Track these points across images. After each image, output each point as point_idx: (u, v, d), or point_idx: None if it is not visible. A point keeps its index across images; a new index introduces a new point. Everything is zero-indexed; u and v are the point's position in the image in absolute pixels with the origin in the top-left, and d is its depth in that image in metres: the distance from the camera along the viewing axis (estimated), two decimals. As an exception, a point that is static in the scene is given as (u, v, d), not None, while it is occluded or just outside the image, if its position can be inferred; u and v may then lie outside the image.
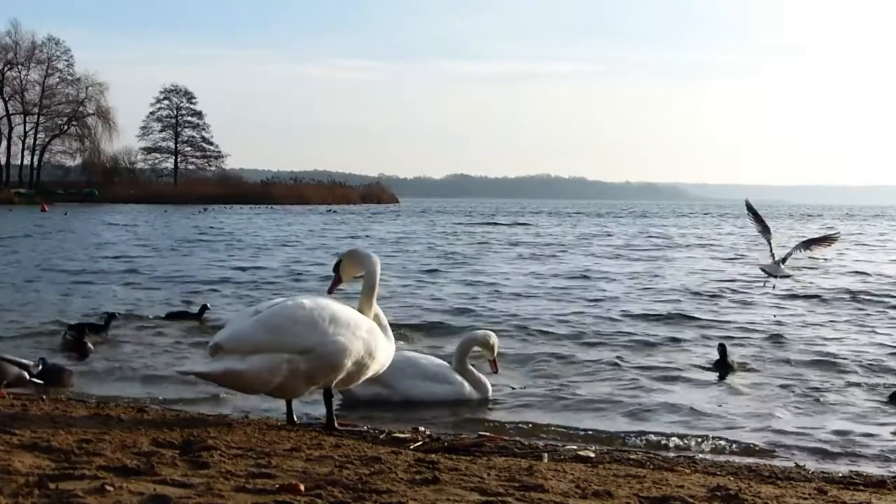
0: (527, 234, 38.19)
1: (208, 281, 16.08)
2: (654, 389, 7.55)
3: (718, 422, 6.53)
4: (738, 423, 6.51)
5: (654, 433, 6.14)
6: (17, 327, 10.17)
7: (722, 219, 67.06)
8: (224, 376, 5.23)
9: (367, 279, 5.65)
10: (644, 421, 6.52)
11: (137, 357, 8.63)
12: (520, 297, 14.06)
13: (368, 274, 5.65)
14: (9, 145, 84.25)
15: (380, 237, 33.61)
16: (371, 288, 5.60)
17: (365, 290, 5.62)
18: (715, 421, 6.55)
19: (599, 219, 63.44)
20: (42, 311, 11.63)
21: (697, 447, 5.86)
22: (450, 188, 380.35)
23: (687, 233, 41.45)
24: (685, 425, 6.42)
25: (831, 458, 5.69)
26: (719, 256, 24.67)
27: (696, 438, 6.02)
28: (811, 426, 6.44)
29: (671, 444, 5.89)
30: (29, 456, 4.12)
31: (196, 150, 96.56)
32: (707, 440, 5.99)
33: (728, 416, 6.67)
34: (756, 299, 13.95)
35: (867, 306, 13.30)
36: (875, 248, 29.62)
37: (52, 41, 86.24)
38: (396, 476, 4.01)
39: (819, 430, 6.34)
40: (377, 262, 5.68)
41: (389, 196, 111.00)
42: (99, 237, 30.56)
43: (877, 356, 9.12)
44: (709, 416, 6.69)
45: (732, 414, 6.76)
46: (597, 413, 6.75)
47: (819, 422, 6.57)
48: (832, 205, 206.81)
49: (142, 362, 8.35)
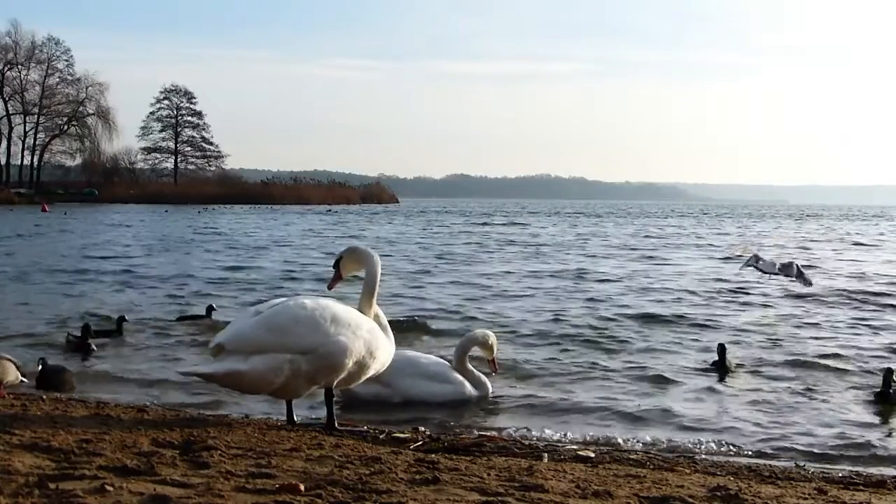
0: (522, 234, 38.20)
1: (207, 281, 16.10)
2: (653, 390, 7.55)
3: (718, 422, 6.53)
4: (737, 423, 6.51)
5: (653, 433, 6.14)
6: (12, 328, 10.11)
7: (720, 219, 67.08)
8: (226, 377, 5.23)
9: (368, 278, 5.67)
10: (643, 421, 6.52)
11: (139, 358, 8.62)
12: (514, 298, 14.06)
13: (369, 273, 5.67)
14: (9, 145, 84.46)
15: (375, 236, 33.57)
16: (371, 287, 5.62)
17: (365, 289, 5.64)
18: (714, 421, 6.55)
19: (598, 219, 63.46)
20: (36, 313, 11.60)
21: (697, 447, 5.85)
22: (450, 188, 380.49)
23: (684, 233, 41.45)
24: (684, 425, 6.42)
25: (831, 459, 5.69)
26: (715, 256, 24.65)
27: (696, 438, 6.02)
28: (811, 426, 6.44)
29: (671, 445, 5.89)
30: (29, 456, 4.12)
31: (196, 150, 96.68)
32: (707, 440, 5.99)
33: (727, 417, 6.67)
34: (751, 300, 13.92)
35: (863, 306, 13.30)
36: (871, 248, 29.65)
37: (52, 41, 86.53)
38: (396, 476, 4.01)
39: (819, 430, 6.34)
40: (377, 262, 5.70)
41: (389, 196, 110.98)
42: (97, 237, 30.55)
43: (874, 356, 9.13)
44: (708, 416, 6.69)
45: (732, 414, 6.76)
46: (596, 413, 6.74)
47: (818, 422, 6.58)
48: (832, 205, 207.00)
49: (143, 364, 8.34)
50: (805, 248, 28.99)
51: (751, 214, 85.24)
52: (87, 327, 8.95)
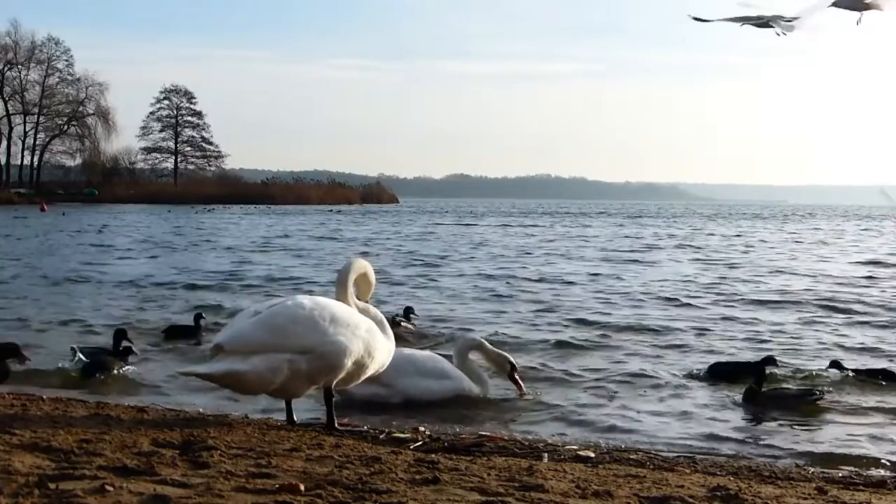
0: (516, 234, 38.24)
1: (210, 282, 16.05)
2: (653, 390, 7.54)
3: (718, 422, 6.53)
4: (737, 422, 6.51)
5: (653, 433, 6.14)
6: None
7: (717, 219, 67.09)
8: (225, 377, 5.23)
9: (340, 275, 5.84)
10: (643, 421, 6.51)
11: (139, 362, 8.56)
12: (506, 298, 14.07)
13: (342, 271, 5.86)
14: (9, 145, 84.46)
15: (351, 237, 33.43)
16: (342, 280, 5.76)
17: (337, 284, 5.79)
18: (714, 421, 6.56)
19: (594, 219, 63.46)
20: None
21: (697, 447, 5.85)
22: (450, 188, 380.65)
23: (678, 234, 41.39)
24: (684, 425, 6.42)
25: (831, 459, 5.68)
26: (703, 259, 24.23)
27: (696, 439, 6.02)
28: (810, 426, 6.44)
29: (671, 445, 5.89)
30: (29, 456, 4.12)
31: (196, 150, 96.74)
32: (707, 440, 5.98)
33: (727, 416, 6.68)
34: (736, 304, 13.68)
35: (861, 306, 13.29)
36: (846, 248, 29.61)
37: (51, 41, 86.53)
38: (396, 476, 4.01)
39: (818, 430, 6.34)
40: (354, 263, 5.88)
41: (389, 196, 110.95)
42: (93, 238, 30.51)
43: (873, 355, 9.15)
44: (708, 417, 6.69)
45: (732, 414, 6.76)
46: (595, 413, 6.74)
47: (818, 422, 6.58)
48: (833, 205, 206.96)
49: (141, 365, 8.28)
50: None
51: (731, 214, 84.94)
52: (123, 332, 8.40)
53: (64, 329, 10.35)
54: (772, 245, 31.51)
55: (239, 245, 27.41)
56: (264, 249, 25.70)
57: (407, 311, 10.69)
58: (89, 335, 9.83)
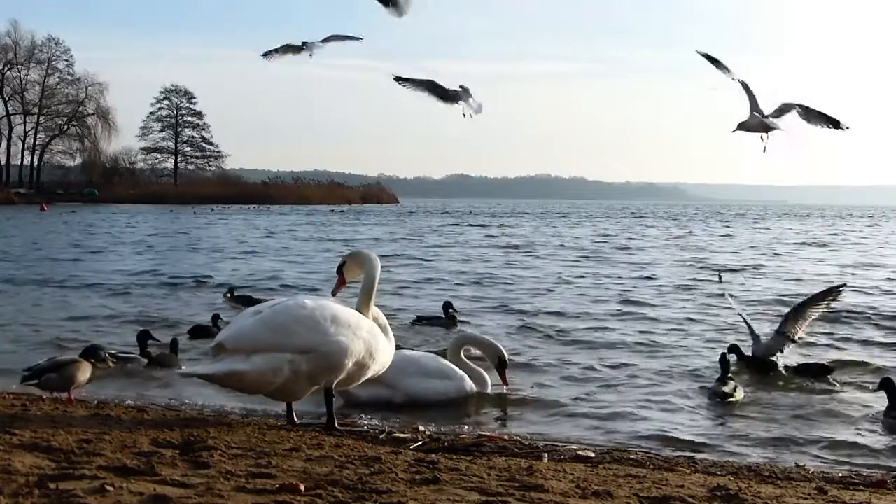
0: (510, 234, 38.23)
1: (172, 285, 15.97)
2: (653, 391, 7.55)
3: (718, 422, 6.54)
4: (736, 423, 6.51)
5: (653, 434, 6.14)
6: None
7: (713, 219, 67.11)
8: (227, 377, 5.24)
9: (366, 280, 5.71)
10: (643, 421, 6.51)
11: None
12: (502, 298, 14.08)
13: (367, 275, 5.71)
14: (9, 145, 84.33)
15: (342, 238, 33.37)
16: (369, 288, 5.65)
17: (363, 290, 5.68)
18: (714, 421, 6.56)
19: (595, 219, 63.46)
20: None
21: (697, 447, 5.85)
22: (450, 188, 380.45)
23: (674, 233, 41.34)
24: (684, 426, 6.42)
25: (831, 459, 5.68)
26: (699, 258, 24.16)
27: (696, 439, 6.02)
28: (810, 426, 6.44)
29: (671, 445, 5.89)
30: (29, 456, 4.12)
31: (196, 150, 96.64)
32: (707, 441, 5.98)
33: (727, 416, 6.68)
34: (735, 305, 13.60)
35: (856, 307, 13.29)
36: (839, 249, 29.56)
37: (51, 41, 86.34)
38: (396, 476, 4.01)
39: (818, 430, 6.34)
40: (377, 265, 5.76)
41: (389, 196, 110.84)
42: (93, 238, 30.49)
43: (871, 356, 9.14)
44: (707, 416, 6.70)
45: (731, 414, 6.76)
46: (595, 413, 6.73)
47: (818, 422, 6.58)
48: (832, 205, 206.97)
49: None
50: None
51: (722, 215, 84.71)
52: (147, 333, 8.34)
53: (61, 330, 10.35)
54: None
55: (247, 247, 27.39)
56: (277, 254, 25.35)
57: (446, 306, 10.81)
58: (98, 335, 9.81)
